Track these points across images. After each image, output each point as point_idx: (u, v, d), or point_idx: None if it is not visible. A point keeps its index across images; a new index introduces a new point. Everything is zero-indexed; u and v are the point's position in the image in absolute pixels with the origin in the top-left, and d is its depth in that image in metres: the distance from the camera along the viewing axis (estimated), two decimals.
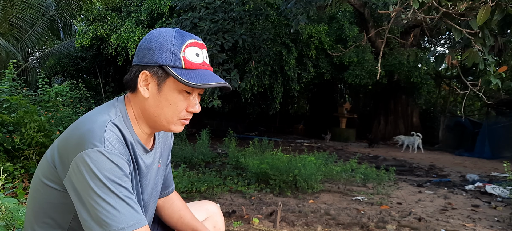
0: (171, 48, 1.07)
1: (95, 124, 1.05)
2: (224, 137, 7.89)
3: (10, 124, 4.36)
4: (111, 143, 1.03)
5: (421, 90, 11.90)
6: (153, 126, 1.16)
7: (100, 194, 0.98)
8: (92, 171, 0.98)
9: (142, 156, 1.18)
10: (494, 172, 7.40)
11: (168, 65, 1.07)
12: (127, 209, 1.01)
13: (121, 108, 1.14)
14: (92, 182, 0.98)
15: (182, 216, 1.37)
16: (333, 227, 3.43)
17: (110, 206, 0.98)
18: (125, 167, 1.05)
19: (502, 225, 3.75)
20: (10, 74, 5.47)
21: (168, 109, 1.10)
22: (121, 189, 1.01)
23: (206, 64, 1.12)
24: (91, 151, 0.99)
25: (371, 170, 5.35)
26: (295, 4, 6.83)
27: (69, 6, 10.94)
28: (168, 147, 1.39)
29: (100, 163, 0.99)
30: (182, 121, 1.14)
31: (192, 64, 1.08)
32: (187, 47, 1.09)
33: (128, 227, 1.00)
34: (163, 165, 1.35)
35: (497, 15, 3.20)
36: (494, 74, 3.55)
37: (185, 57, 1.08)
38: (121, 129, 1.09)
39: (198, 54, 1.10)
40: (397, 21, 6.77)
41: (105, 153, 1.00)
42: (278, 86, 10.47)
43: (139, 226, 1.02)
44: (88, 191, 0.98)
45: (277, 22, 10.12)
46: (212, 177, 4.98)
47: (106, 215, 0.98)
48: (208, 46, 8.08)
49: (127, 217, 1.00)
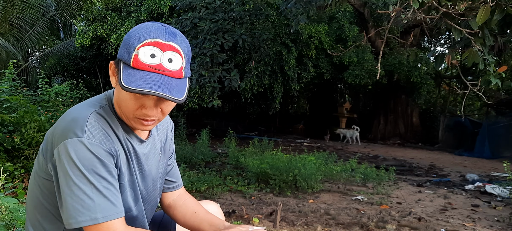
0: (129, 42, 1.01)
1: (80, 114, 1.06)
2: (224, 137, 7.89)
3: (10, 124, 4.36)
4: (92, 133, 1.03)
5: (421, 90, 11.89)
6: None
7: (77, 183, 0.99)
8: (72, 160, 1.00)
9: (137, 145, 1.17)
10: (494, 171, 7.40)
11: (121, 60, 1.02)
12: (102, 200, 1.01)
13: (109, 99, 1.15)
14: (70, 171, 0.99)
15: (196, 211, 1.34)
16: (333, 227, 3.44)
17: (85, 195, 0.99)
18: (106, 157, 1.04)
19: (502, 225, 3.76)
20: (10, 74, 5.47)
21: (124, 104, 1.07)
22: (99, 179, 1.01)
23: (161, 68, 0.99)
24: (72, 140, 1.00)
25: (371, 169, 5.35)
26: (295, 4, 6.83)
27: (69, 6, 10.94)
28: (169, 138, 1.38)
29: (79, 152, 1.00)
30: (140, 120, 1.07)
31: (140, 64, 0.98)
32: (146, 45, 0.99)
33: (102, 218, 1.00)
34: (165, 157, 1.35)
35: (497, 15, 3.20)
36: (494, 74, 3.56)
37: (136, 55, 0.99)
38: (107, 119, 1.09)
39: (154, 55, 0.99)
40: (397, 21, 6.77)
41: (86, 143, 1.01)
42: (278, 86, 10.47)
43: (114, 217, 1.02)
44: (67, 179, 1.00)
45: (277, 22, 10.12)
46: (212, 177, 4.99)
47: (81, 204, 0.99)
48: (208, 46, 8.09)
49: (102, 207, 1.00)
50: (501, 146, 10.33)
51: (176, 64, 1.02)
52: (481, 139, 10.53)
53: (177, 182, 1.43)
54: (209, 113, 14.87)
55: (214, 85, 8.18)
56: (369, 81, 11.19)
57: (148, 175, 1.23)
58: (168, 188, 1.40)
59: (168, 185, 1.39)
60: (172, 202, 1.39)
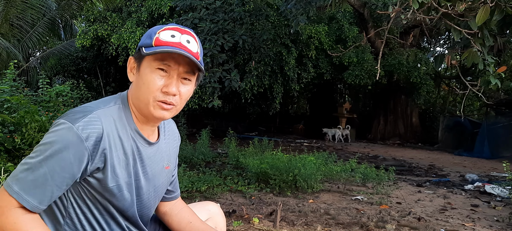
0: (149, 33, 1.12)
1: (88, 107, 1.10)
2: (224, 137, 7.89)
3: (11, 124, 4.38)
4: (85, 127, 1.04)
5: (420, 90, 11.91)
6: (140, 112, 1.16)
7: (33, 154, 1.02)
8: (48, 135, 1.03)
9: (143, 147, 1.19)
10: (493, 171, 7.41)
11: (142, 46, 1.11)
12: (38, 185, 1.00)
13: (123, 99, 1.18)
14: (41, 141, 1.03)
15: (191, 221, 1.38)
16: (332, 227, 3.45)
17: (30, 170, 1.00)
18: (79, 157, 1.03)
19: (501, 225, 3.77)
20: (11, 75, 5.48)
21: (143, 89, 1.11)
22: (52, 166, 1.01)
23: (181, 45, 1.09)
24: (61, 120, 1.04)
25: (371, 169, 5.36)
26: (295, 4, 6.85)
27: (70, 7, 10.96)
28: (175, 149, 1.40)
29: (57, 133, 1.02)
30: (159, 103, 1.11)
31: (162, 42, 1.08)
32: (164, 30, 1.11)
33: (24, 201, 0.99)
34: (171, 168, 1.36)
35: (496, 16, 3.22)
36: (494, 74, 3.57)
37: (157, 37, 1.09)
38: (115, 118, 1.12)
39: (174, 35, 1.10)
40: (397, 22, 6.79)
41: (71, 131, 1.02)
42: (278, 86, 10.48)
43: (30, 205, 1.00)
44: (35, 146, 1.03)
45: (277, 22, 10.14)
46: (212, 177, 4.99)
47: (21, 173, 1.01)
48: (208, 46, 8.10)
49: (26, 188, 1.00)
50: (501, 146, 10.34)
51: (193, 46, 1.12)
52: (480, 139, 10.55)
53: (176, 192, 1.46)
54: (209, 114, 14.89)
55: (214, 86, 8.20)
56: (369, 82, 11.21)
57: (151, 179, 1.24)
58: (167, 197, 1.42)
59: (167, 195, 1.41)
60: (168, 210, 1.42)
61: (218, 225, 1.55)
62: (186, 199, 4.15)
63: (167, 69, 1.10)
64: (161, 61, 1.09)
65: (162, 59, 1.09)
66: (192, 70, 1.14)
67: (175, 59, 1.10)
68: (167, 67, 1.10)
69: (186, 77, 1.14)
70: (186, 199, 4.14)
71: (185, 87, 1.15)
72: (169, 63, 1.09)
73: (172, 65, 1.10)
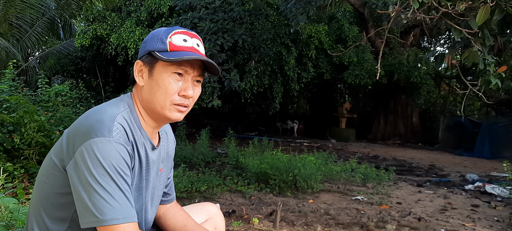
0: (159, 37, 1.14)
1: (105, 115, 1.07)
2: (224, 137, 7.88)
3: (10, 124, 4.36)
4: (118, 134, 1.05)
5: (420, 90, 11.90)
6: (152, 115, 1.18)
7: (101, 182, 0.99)
8: (97, 159, 1.00)
9: (150, 152, 1.19)
10: (493, 171, 7.40)
11: (155, 50, 1.12)
12: (124, 201, 1.02)
13: (129, 102, 1.17)
14: (94, 170, 0.99)
15: (185, 224, 1.38)
16: (333, 227, 3.43)
17: (109, 195, 1.00)
18: (129, 160, 1.07)
19: (501, 225, 3.76)
20: (10, 74, 5.47)
21: (159, 93, 1.12)
22: (121, 181, 1.03)
23: (194, 49, 1.15)
24: (99, 139, 1.01)
25: (371, 169, 5.35)
26: (295, 4, 6.83)
27: (69, 6, 10.94)
28: (171, 152, 1.41)
29: (106, 152, 1.01)
30: (177, 106, 1.14)
31: (177, 47, 1.12)
32: (175, 35, 1.14)
33: (123, 218, 1.00)
34: (165, 171, 1.36)
35: (496, 15, 3.20)
36: (494, 74, 3.55)
37: (170, 42, 1.12)
38: (129, 122, 1.12)
39: (186, 40, 1.14)
40: (397, 21, 6.77)
41: (113, 143, 1.02)
42: (278, 86, 10.47)
43: (131, 220, 1.03)
44: (90, 178, 0.99)
45: (277, 22, 10.12)
46: (212, 177, 4.98)
47: (103, 203, 0.99)
48: (208, 46, 8.08)
49: (124, 209, 1.01)
50: (501, 146, 10.33)
51: (202, 48, 1.19)
52: (481, 139, 10.53)
53: (172, 195, 1.46)
54: (209, 114, 14.88)
55: (214, 85, 8.18)
56: (369, 82, 11.19)
57: (150, 182, 1.24)
58: (163, 200, 1.42)
59: (164, 197, 1.42)
60: (163, 213, 1.43)
61: (217, 226, 1.54)
62: (186, 199, 4.13)
63: (183, 73, 1.13)
64: (178, 66, 1.12)
65: (179, 64, 1.12)
66: (203, 72, 1.19)
67: (191, 63, 1.14)
68: (184, 72, 1.13)
69: (198, 79, 1.18)
70: (185, 199, 4.13)
71: (198, 89, 1.20)
72: (186, 68, 1.13)
73: (188, 69, 1.14)
